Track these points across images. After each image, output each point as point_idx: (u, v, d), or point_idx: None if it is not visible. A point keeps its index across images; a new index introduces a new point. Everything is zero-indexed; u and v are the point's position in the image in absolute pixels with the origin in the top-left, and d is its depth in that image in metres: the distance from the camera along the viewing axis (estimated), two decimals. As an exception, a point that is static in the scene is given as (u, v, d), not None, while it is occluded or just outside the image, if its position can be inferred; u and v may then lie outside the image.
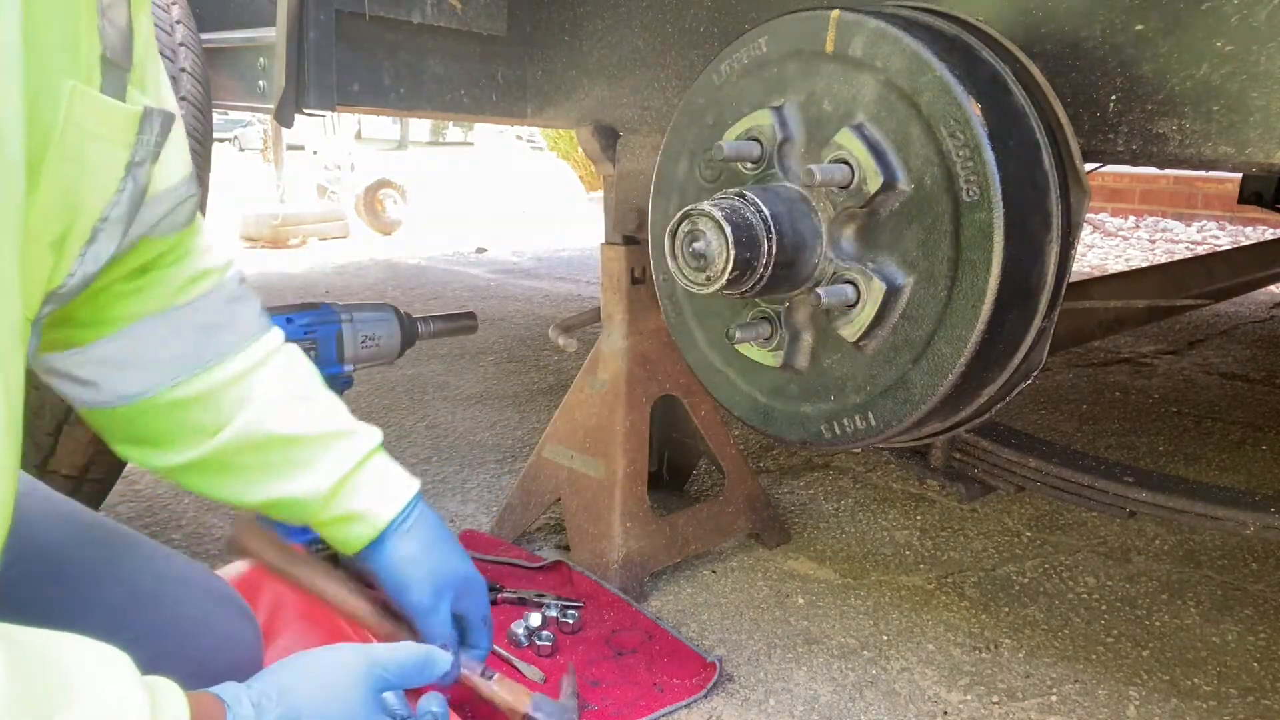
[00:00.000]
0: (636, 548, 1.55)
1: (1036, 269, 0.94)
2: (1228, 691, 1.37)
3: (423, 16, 1.47)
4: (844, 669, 1.40)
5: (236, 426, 0.93)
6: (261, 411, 0.94)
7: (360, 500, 1.00)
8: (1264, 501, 1.32)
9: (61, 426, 1.41)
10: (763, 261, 0.95)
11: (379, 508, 1.01)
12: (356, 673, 0.76)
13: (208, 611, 0.95)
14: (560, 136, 7.93)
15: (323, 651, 0.79)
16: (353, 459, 1.00)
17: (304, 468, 0.97)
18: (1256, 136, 0.90)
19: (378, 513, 1.01)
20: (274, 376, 0.97)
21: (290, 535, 1.53)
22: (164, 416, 0.92)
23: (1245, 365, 3.16)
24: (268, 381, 0.96)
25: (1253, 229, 5.94)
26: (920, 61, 0.91)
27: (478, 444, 2.29)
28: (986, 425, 1.49)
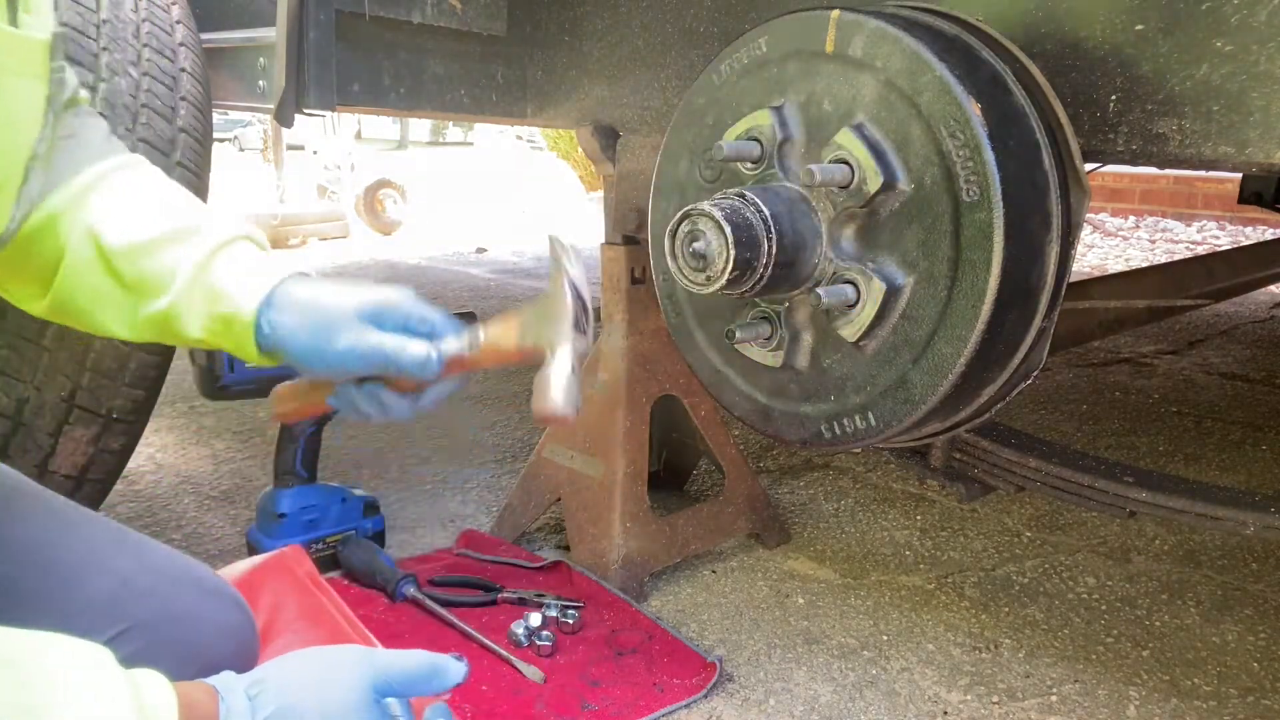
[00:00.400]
0: (636, 548, 1.55)
1: (1036, 269, 0.94)
2: (1228, 691, 1.37)
3: (423, 16, 1.47)
4: (844, 669, 1.40)
5: (74, 250, 0.88)
6: (99, 226, 0.88)
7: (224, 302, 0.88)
8: (1264, 501, 1.32)
9: (61, 426, 1.41)
10: (763, 261, 0.95)
11: (242, 291, 0.88)
12: (360, 674, 0.75)
13: (200, 603, 0.94)
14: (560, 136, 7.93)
15: (326, 649, 0.79)
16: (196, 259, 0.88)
17: (154, 281, 0.88)
18: (1256, 136, 0.90)
19: (239, 296, 0.88)
20: (115, 192, 0.90)
21: (291, 536, 1.53)
22: (25, 252, 0.88)
23: (1245, 365, 3.16)
24: (107, 197, 0.90)
25: (1253, 229, 5.94)
26: (920, 61, 0.91)
27: (478, 444, 2.29)
28: (986, 425, 1.49)
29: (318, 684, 0.73)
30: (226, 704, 0.68)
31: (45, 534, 0.88)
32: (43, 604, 0.85)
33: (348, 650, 0.78)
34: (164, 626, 0.89)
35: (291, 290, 0.88)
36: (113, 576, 0.89)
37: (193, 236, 0.88)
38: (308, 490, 1.57)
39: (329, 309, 0.86)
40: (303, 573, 1.31)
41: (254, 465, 2.10)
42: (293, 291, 0.87)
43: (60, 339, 1.39)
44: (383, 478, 2.06)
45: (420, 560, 1.65)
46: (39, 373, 1.38)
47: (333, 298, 0.87)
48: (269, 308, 0.87)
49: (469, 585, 1.54)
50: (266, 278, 0.88)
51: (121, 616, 0.87)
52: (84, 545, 0.90)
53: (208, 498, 1.92)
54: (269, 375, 1.49)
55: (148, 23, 1.48)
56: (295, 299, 0.87)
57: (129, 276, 0.88)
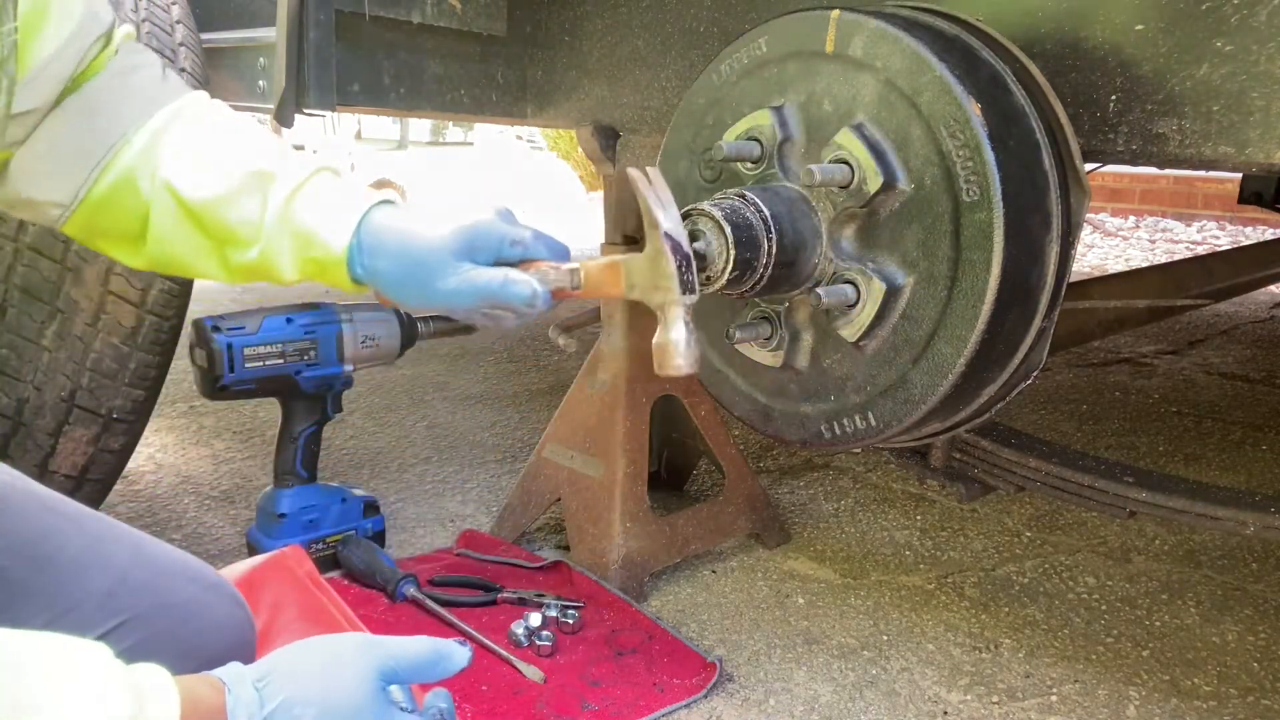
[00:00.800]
0: (636, 548, 1.55)
1: (1036, 269, 0.94)
2: (1228, 691, 1.37)
3: (423, 16, 1.47)
4: (844, 669, 1.40)
5: (157, 205, 0.89)
6: (175, 180, 0.89)
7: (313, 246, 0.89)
8: (1264, 501, 1.32)
9: (62, 426, 1.41)
10: (763, 261, 0.95)
11: (331, 234, 0.89)
12: (366, 662, 0.75)
13: (199, 598, 0.94)
14: (560, 136, 7.92)
15: (331, 638, 0.78)
16: (277, 204, 0.89)
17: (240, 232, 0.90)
18: (1256, 136, 0.90)
19: (330, 239, 0.89)
20: (182, 141, 0.91)
21: (291, 536, 1.53)
22: (109, 213, 0.91)
23: (1245, 365, 3.16)
24: (175, 148, 0.90)
25: (1253, 229, 5.94)
26: (920, 61, 0.91)
27: (478, 444, 2.29)
28: (986, 425, 1.48)
29: (324, 673, 0.73)
30: (234, 696, 0.68)
31: (42, 529, 0.88)
32: (40, 598, 0.85)
33: (353, 638, 0.78)
34: (162, 620, 0.89)
35: (379, 228, 0.89)
36: (110, 571, 0.89)
37: (269, 183, 0.89)
38: (308, 490, 1.57)
39: (422, 251, 0.87)
40: (303, 573, 1.31)
41: (254, 465, 2.10)
42: (381, 230, 0.88)
43: (60, 339, 1.39)
44: (383, 478, 2.06)
45: (420, 560, 1.65)
46: (39, 373, 1.38)
47: (423, 236, 0.88)
48: (360, 251, 0.89)
49: (469, 585, 1.54)
50: (351, 213, 0.89)
51: (119, 610, 0.87)
52: (81, 540, 0.90)
53: (208, 498, 1.92)
54: (269, 375, 1.49)
55: (147, 22, 1.48)
56: (385, 241, 0.88)
57: (214, 229, 0.90)
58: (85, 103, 0.89)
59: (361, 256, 0.89)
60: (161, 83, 0.94)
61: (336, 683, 0.72)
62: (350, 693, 0.72)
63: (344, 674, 0.73)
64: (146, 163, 0.90)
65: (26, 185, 0.88)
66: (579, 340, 1.78)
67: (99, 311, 1.41)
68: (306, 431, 1.56)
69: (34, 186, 0.89)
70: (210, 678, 0.69)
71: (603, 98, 1.54)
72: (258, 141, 0.93)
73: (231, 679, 0.69)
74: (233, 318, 1.47)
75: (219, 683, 0.69)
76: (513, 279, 0.87)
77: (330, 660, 0.74)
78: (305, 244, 0.89)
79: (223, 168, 0.89)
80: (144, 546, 0.95)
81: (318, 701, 0.70)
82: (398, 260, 0.88)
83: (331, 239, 0.88)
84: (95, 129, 0.89)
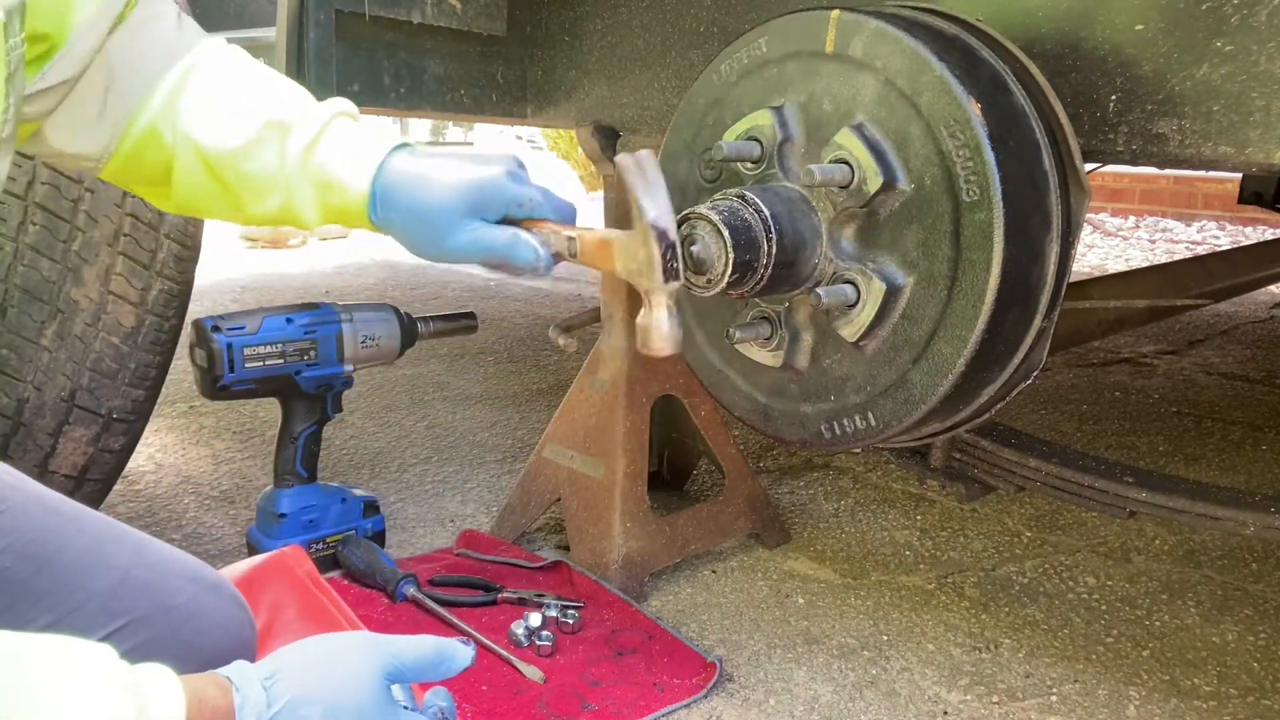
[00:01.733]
0: (636, 548, 1.55)
1: (1036, 269, 0.94)
2: (1228, 691, 1.37)
3: (423, 16, 1.47)
4: (844, 669, 1.40)
5: (180, 156, 0.91)
6: (194, 134, 0.90)
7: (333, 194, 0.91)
8: (1264, 501, 1.32)
9: (62, 426, 1.41)
10: (763, 262, 0.95)
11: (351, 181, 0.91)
12: (372, 661, 0.75)
13: (200, 599, 0.94)
14: (560, 136, 7.92)
15: (336, 637, 0.78)
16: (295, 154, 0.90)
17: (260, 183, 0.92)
18: (1256, 136, 0.90)
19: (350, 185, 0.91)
20: (200, 92, 0.92)
21: (291, 536, 1.53)
22: (138, 164, 0.92)
23: (1245, 365, 3.16)
24: (193, 100, 0.91)
25: (1253, 229, 5.94)
26: (920, 61, 0.91)
27: (478, 444, 2.29)
28: (986, 425, 1.49)
29: (330, 672, 0.73)
30: (241, 695, 0.68)
31: (44, 530, 0.88)
32: (42, 599, 0.85)
33: (358, 637, 0.78)
34: (163, 621, 0.89)
35: (394, 177, 0.90)
36: (111, 572, 0.89)
37: (286, 132, 0.90)
38: (308, 490, 1.57)
39: (431, 209, 0.89)
40: (303, 573, 1.31)
41: (254, 465, 2.10)
42: (394, 182, 0.90)
43: (60, 339, 1.39)
44: (383, 478, 2.06)
45: (420, 560, 1.65)
46: (39, 373, 1.38)
47: (432, 192, 0.89)
48: (377, 202, 0.90)
49: (469, 585, 1.54)
50: (369, 160, 0.90)
51: (120, 611, 0.87)
52: (83, 541, 0.90)
53: (208, 498, 1.92)
54: (269, 375, 1.49)
55: (148, 23, 1.48)
56: (397, 195, 0.90)
57: (234, 181, 0.91)
58: (108, 59, 0.89)
59: (378, 208, 0.90)
60: (178, 32, 0.94)
61: (342, 682, 0.72)
62: (355, 692, 0.72)
63: (350, 673, 0.73)
64: (167, 115, 0.91)
65: (59, 141, 0.90)
66: (579, 340, 1.78)
67: (99, 311, 1.41)
68: (306, 431, 1.56)
69: (66, 142, 0.90)
70: (217, 677, 0.69)
71: (603, 98, 1.54)
72: (274, 89, 0.94)
73: (239, 678, 0.69)
74: (233, 318, 1.47)
75: (226, 682, 0.69)
76: (519, 240, 0.89)
77: (336, 659, 0.74)
78: (325, 191, 0.91)
79: (240, 119, 0.91)
80: (145, 547, 0.95)
81: (324, 700, 0.70)
82: (408, 214, 0.90)
83: (351, 187, 0.90)
84: (119, 87, 0.90)
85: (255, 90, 0.93)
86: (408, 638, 0.79)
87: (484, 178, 0.89)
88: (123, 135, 0.91)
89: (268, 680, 0.70)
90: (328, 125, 0.91)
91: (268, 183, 0.91)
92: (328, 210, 0.92)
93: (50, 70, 0.83)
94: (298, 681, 0.71)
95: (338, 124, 0.92)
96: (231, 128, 0.90)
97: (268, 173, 0.91)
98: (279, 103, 0.92)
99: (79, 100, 0.89)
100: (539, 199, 0.91)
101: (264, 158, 0.91)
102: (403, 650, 0.77)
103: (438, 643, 0.79)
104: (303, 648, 0.75)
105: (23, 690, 0.58)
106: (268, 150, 0.90)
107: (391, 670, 0.75)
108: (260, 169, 0.91)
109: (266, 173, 0.91)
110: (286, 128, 0.91)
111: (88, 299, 1.39)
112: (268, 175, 0.91)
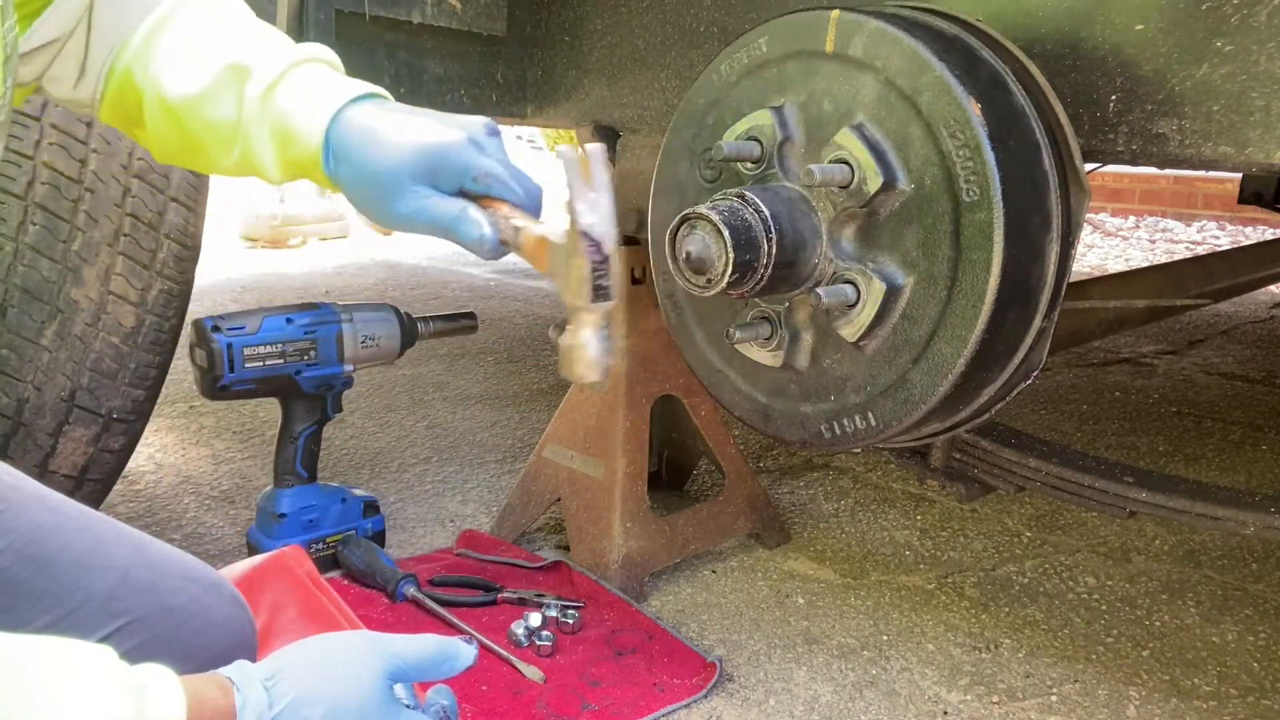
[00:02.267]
0: (636, 548, 1.55)
1: (1036, 269, 0.94)
2: (1228, 691, 1.37)
3: (423, 16, 1.47)
4: (844, 669, 1.40)
5: (147, 103, 0.87)
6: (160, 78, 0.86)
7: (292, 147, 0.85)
8: (1264, 501, 1.32)
9: (62, 426, 1.41)
10: (763, 262, 0.95)
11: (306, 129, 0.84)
12: (374, 660, 0.74)
13: (200, 599, 0.94)
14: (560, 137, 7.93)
15: (338, 636, 0.78)
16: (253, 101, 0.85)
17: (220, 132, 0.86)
18: (1256, 136, 0.90)
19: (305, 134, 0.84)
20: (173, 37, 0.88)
21: (291, 536, 1.53)
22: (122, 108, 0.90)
23: (1245, 365, 3.16)
24: (168, 43, 0.87)
25: (1253, 229, 5.94)
26: (920, 61, 0.91)
27: (478, 444, 2.29)
28: (986, 425, 1.49)
29: (332, 671, 0.72)
30: (243, 695, 0.67)
31: (45, 530, 0.88)
32: (42, 599, 0.85)
33: (360, 636, 0.78)
34: (163, 622, 0.89)
35: (348, 131, 0.83)
36: (112, 572, 0.89)
37: (245, 78, 0.84)
38: (308, 490, 1.57)
39: (380, 171, 0.82)
40: (303, 573, 1.31)
41: (254, 465, 2.10)
42: (348, 135, 0.83)
43: (60, 339, 1.39)
44: (383, 478, 2.06)
45: (420, 560, 1.65)
46: (39, 373, 1.38)
47: (383, 153, 0.82)
48: (330, 155, 0.84)
49: (469, 585, 1.54)
50: (324, 110, 0.83)
51: (120, 612, 0.87)
52: (83, 541, 0.90)
53: (208, 498, 1.92)
54: (269, 375, 1.49)
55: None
56: (349, 149, 0.83)
57: (194, 128, 0.86)
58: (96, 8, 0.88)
59: (329, 159, 0.83)
60: None
61: (344, 681, 0.72)
62: (358, 691, 0.72)
63: (351, 672, 0.73)
64: (141, 59, 0.87)
65: (55, 90, 0.90)
66: (579, 340, 1.77)
67: (99, 311, 1.41)
68: (306, 431, 1.56)
69: (60, 90, 0.90)
70: (218, 677, 0.69)
71: (603, 98, 1.54)
72: (245, 33, 0.88)
73: (240, 678, 0.69)
74: (233, 318, 1.47)
75: (227, 682, 0.68)
76: (465, 217, 0.81)
77: (338, 659, 0.74)
78: (283, 143, 0.84)
79: (200, 65, 0.85)
80: (145, 547, 0.95)
81: (326, 700, 0.70)
82: (357, 169, 0.83)
83: (306, 138, 0.83)
84: (101, 36, 0.88)
85: (223, 34, 0.88)
86: (410, 636, 0.79)
87: (441, 142, 0.81)
88: (106, 83, 0.88)
89: (269, 680, 0.70)
90: (289, 71, 0.84)
91: (228, 132, 0.85)
92: (288, 164, 0.86)
93: (38, 29, 0.83)
94: (299, 681, 0.70)
95: (305, 70, 0.85)
96: (192, 72, 0.85)
97: (227, 121, 0.85)
98: (244, 47, 0.86)
99: (69, 49, 0.88)
100: (498, 173, 0.82)
101: (222, 105, 0.84)
102: (405, 649, 0.77)
103: (440, 641, 0.79)
104: (304, 647, 0.75)
105: (23, 691, 0.58)
106: (226, 97, 0.84)
107: (393, 670, 0.75)
108: (219, 117, 0.84)
109: (225, 121, 0.85)
110: (245, 72, 0.84)
111: (88, 299, 1.39)
112: (227, 124, 0.85)
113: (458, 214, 0.81)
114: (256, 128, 0.85)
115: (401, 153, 0.81)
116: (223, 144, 0.86)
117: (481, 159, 0.82)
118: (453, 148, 0.81)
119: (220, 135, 0.86)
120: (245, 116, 0.84)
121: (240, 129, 0.85)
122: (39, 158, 1.36)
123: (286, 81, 0.84)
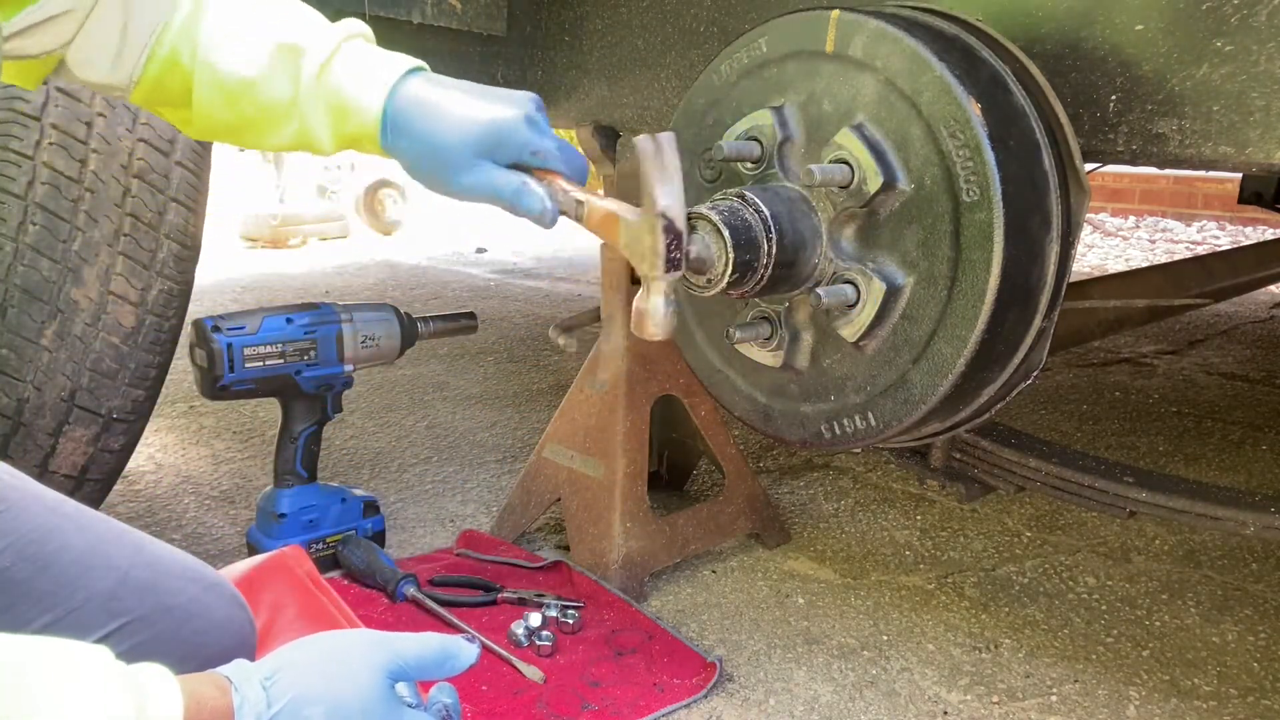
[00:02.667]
0: (636, 548, 1.55)
1: (1036, 269, 0.94)
2: (1228, 691, 1.37)
3: (423, 16, 1.47)
4: (844, 669, 1.40)
5: (198, 84, 0.90)
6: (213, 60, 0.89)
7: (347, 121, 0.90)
8: (1264, 501, 1.32)
9: (62, 426, 1.41)
10: (763, 262, 0.95)
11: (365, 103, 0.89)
12: (375, 659, 0.74)
13: (200, 598, 0.94)
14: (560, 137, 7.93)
15: (338, 635, 0.78)
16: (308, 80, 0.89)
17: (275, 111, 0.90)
18: (1256, 136, 0.90)
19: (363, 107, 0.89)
20: (218, 16, 0.91)
21: (291, 536, 1.53)
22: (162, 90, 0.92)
23: (1245, 365, 3.16)
24: (212, 23, 0.90)
25: (1253, 229, 5.94)
26: (920, 61, 0.91)
27: (478, 444, 2.29)
28: (986, 425, 1.49)
29: (332, 671, 0.72)
30: (241, 695, 0.67)
31: (45, 529, 0.88)
32: (42, 599, 0.85)
33: (360, 635, 0.78)
34: (163, 621, 0.89)
35: (408, 104, 0.88)
36: (111, 571, 0.89)
37: (299, 57, 0.88)
38: (308, 490, 1.57)
39: (443, 144, 0.87)
40: (303, 573, 1.31)
41: (254, 465, 2.10)
42: (408, 108, 0.88)
43: (60, 339, 1.39)
44: (383, 478, 2.06)
45: (420, 560, 1.65)
46: (39, 373, 1.38)
47: (447, 126, 0.87)
48: (388, 127, 0.88)
49: (469, 585, 1.54)
50: (380, 84, 0.88)
51: (120, 611, 0.87)
52: (83, 541, 0.90)
53: (208, 498, 1.92)
54: (269, 375, 1.49)
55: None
56: (411, 122, 0.88)
57: (249, 108, 0.90)
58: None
59: (387, 132, 0.88)
60: None
61: (345, 680, 0.72)
62: (359, 690, 0.72)
63: (352, 671, 0.73)
64: (186, 41, 0.90)
65: (83, 72, 0.90)
66: (579, 340, 1.78)
67: (99, 311, 1.41)
68: (306, 431, 1.56)
69: (90, 72, 0.90)
70: (216, 676, 0.69)
71: (603, 98, 1.54)
72: (288, 11, 0.92)
73: (238, 677, 0.69)
74: (233, 318, 1.47)
75: (225, 682, 0.68)
76: (527, 189, 0.87)
77: (338, 658, 0.74)
78: (339, 117, 0.89)
79: (253, 46, 0.89)
80: (145, 547, 0.95)
81: (326, 700, 0.70)
82: (420, 144, 0.88)
83: (363, 112, 0.88)
84: (137, 15, 0.89)
85: (268, 13, 0.91)
86: (411, 635, 0.79)
87: (502, 119, 0.87)
88: (145, 65, 0.90)
89: (268, 680, 0.69)
90: (339, 48, 0.89)
91: (282, 110, 0.89)
92: (341, 136, 0.90)
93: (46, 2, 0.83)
94: (299, 680, 0.70)
95: (351, 45, 0.90)
96: (245, 55, 0.88)
97: (283, 99, 0.89)
98: (291, 25, 0.90)
99: (99, 33, 0.88)
100: (553, 150, 0.89)
101: (277, 86, 0.89)
102: (406, 648, 0.77)
103: (442, 640, 0.79)
104: (304, 646, 0.75)
105: (22, 691, 0.58)
106: (281, 78, 0.89)
107: (394, 668, 0.75)
108: (274, 97, 0.89)
109: (282, 100, 0.89)
110: (298, 51, 0.88)
111: (88, 299, 1.39)
112: (282, 103, 0.89)
113: (519, 186, 0.87)
114: (312, 104, 0.89)
115: (465, 128, 0.86)
116: (277, 121, 0.90)
117: (539, 136, 0.88)
118: (513, 124, 0.87)
119: (275, 114, 0.90)
120: (302, 94, 0.88)
121: (296, 106, 0.89)
122: (39, 158, 1.36)
123: (339, 58, 0.89)
